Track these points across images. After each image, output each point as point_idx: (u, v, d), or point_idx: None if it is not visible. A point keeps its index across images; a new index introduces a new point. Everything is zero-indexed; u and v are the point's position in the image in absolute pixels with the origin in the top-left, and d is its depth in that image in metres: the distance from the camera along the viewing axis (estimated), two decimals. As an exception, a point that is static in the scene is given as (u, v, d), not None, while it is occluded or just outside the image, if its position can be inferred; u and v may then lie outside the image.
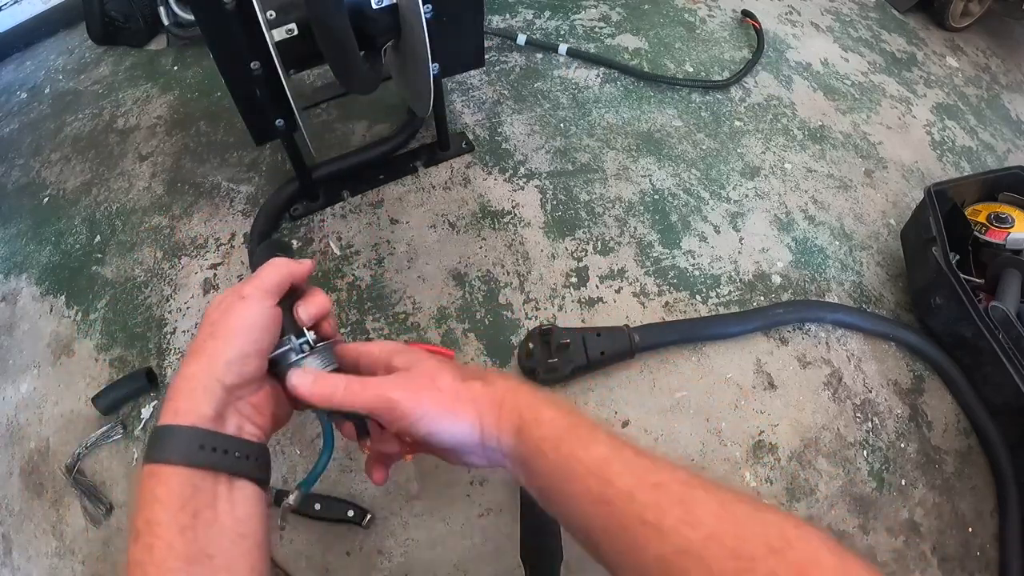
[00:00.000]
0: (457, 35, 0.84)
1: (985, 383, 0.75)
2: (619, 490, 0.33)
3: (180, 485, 0.35)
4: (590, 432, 0.37)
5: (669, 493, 0.32)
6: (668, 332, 0.77)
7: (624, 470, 0.34)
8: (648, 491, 0.33)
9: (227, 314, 0.40)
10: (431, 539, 0.66)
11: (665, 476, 0.34)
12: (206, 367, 0.38)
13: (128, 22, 1.21)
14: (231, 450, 0.37)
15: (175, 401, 0.37)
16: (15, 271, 0.93)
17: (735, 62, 1.15)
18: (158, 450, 0.35)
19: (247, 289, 0.41)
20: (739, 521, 0.30)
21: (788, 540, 0.29)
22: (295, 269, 0.45)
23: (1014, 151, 1.14)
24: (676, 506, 0.32)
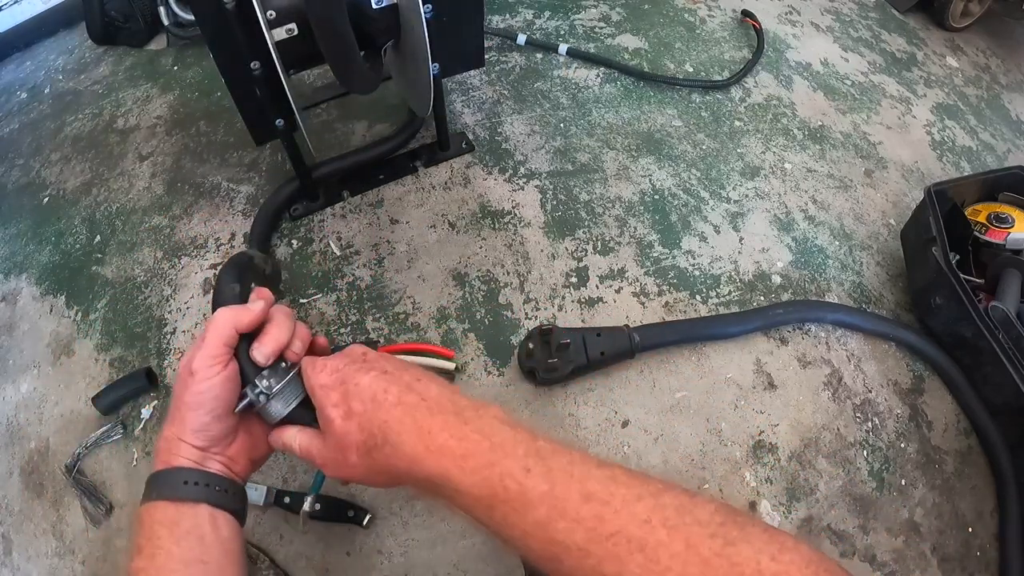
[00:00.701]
0: (457, 35, 0.84)
1: (985, 383, 0.75)
2: (568, 547, 0.31)
3: (175, 513, 0.40)
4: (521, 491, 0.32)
5: (628, 541, 0.30)
6: (668, 332, 0.77)
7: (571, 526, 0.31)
8: (602, 542, 0.30)
9: (184, 389, 0.43)
10: (431, 539, 0.66)
11: (622, 520, 0.30)
12: (179, 431, 0.43)
13: (128, 22, 1.22)
14: (212, 484, 0.42)
15: (161, 455, 0.43)
16: (15, 271, 0.93)
17: (735, 62, 1.15)
18: (153, 492, 0.41)
19: (195, 363, 0.42)
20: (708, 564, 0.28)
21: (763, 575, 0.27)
22: (241, 320, 0.44)
23: (1014, 151, 1.14)
24: (636, 554, 0.29)
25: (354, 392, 0.40)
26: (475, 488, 0.34)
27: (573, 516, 0.31)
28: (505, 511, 0.33)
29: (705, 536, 0.29)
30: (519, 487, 0.33)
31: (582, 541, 0.30)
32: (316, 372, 0.43)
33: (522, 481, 0.33)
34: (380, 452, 0.38)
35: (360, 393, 0.39)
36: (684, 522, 0.30)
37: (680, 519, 0.30)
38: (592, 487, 0.32)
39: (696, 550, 0.29)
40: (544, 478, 0.33)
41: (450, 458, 0.35)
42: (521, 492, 0.32)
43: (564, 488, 0.32)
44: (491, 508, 0.33)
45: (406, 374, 0.41)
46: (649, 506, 0.31)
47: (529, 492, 0.32)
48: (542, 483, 0.32)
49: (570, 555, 0.31)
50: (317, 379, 0.42)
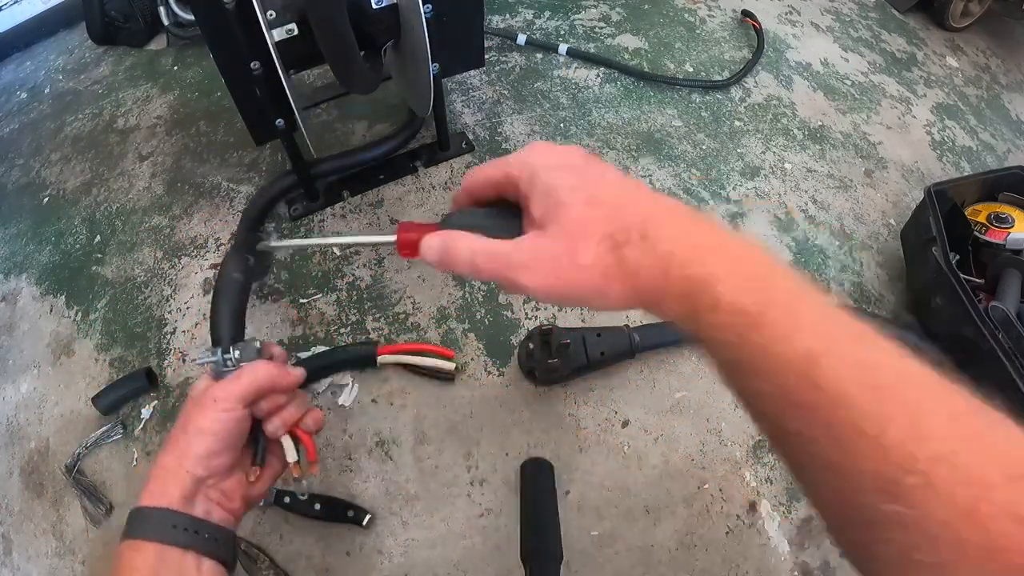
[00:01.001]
0: (457, 35, 0.84)
1: (985, 383, 0.75)
2: (829, 394, 0.26)
3: (155, 558, 0.39)
4: (788, 314, 0.28)
5: (894, 399, 0.26)
6: (668, 332, 0.77)
7: (837, 367, 0.26)
8: (868, 395, 0.25)
9: (198, 411, 0.43)
10: (431, 539, 0.66)
11: (890, 375, 0.26)
12: (177, 458, 0.42)
13: (128, 22, 1.22)
14: (201, 531, 0.41)
15: (151, 485, 0.41)
16: (15, 271, 0.93)
17: (735, 62, 1.15)
18: (136, 528, 0.40)
19: (222, 392, 0.43)
20: (972, 439, 0.25)
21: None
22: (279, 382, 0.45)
23: (1014, 151, 1.14)
24: (901, 416, 0.25)
25: (599, 181, 0.32)
26: (741, 299, 0.28)
27: (843, 355, 0.26)
28: (769, 335, 0.27)
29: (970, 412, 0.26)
30: (788, 309, 0.28)
31: (848, 387, 0.26)
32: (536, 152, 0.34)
33: (793, 304, 0.28)
34: (632, 248, 0.30)
35: (608, 184, 0.32)
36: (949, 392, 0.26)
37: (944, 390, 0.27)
38: (862, 330, 0.28)
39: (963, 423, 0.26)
40: (815, 308, 0.28)
41: (719, 261, 0.29)
42: (790, 315, 0.28)
43: (835, 322, 0.28)
44: (751, 328, 0.28)
45: None
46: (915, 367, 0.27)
47: (799, 317, 0.28)
48: (813, 311, 0.28)
49: (830, 404, 0.26)
50: (540, 158, 0.33)
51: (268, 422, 0.46)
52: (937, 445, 0.24)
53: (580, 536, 0.66)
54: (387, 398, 0.74)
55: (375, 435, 0.72)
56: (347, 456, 0.71)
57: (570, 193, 0.31)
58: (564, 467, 0.69)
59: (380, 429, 0.72)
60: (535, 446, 0.71)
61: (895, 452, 0.25)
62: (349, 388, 0.74)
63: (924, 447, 0.24)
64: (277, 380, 0.45)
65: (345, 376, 0.75)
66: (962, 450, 0.24)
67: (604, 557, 0.65)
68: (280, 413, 0.46)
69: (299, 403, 0.48)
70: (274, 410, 0.46)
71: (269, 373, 0.45)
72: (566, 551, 0.61)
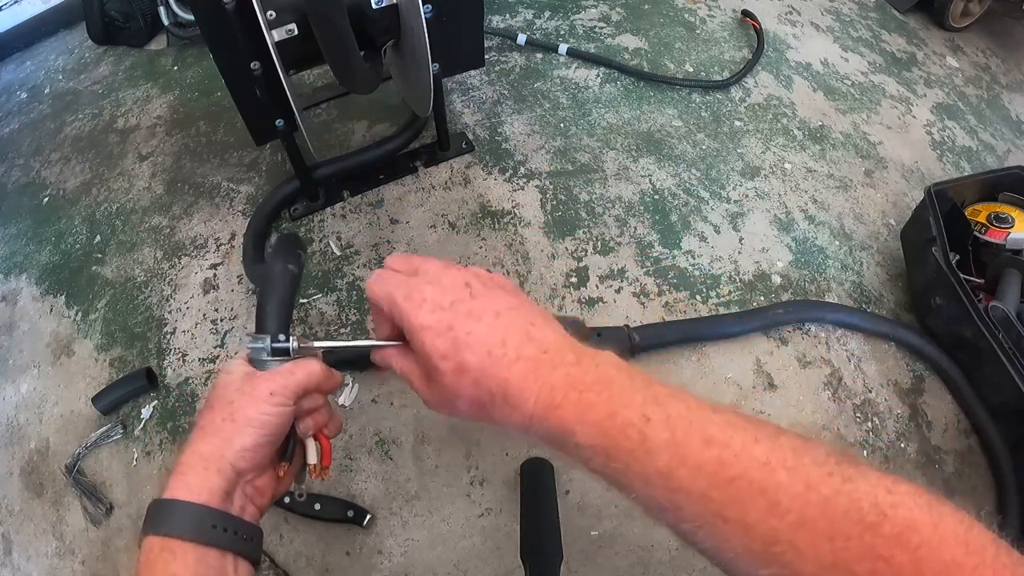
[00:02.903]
0: (457, 35, 0.84)
1: (985, 383, 0.75)
2: (690, 494, 0.30)
3: (196, 563, 0.36)
4: (641, 440, 0.32)
5: (749, 484, 0.29)
6: (668, 332, 0.77)
7: (693, 473, 0.30)
8: (724, 487, 0.30)
9: (250, 402, 0.40)
10: (431, 539, 0.66)
11: (743, 465, 0.30)
12: (220, 448, 0.39)
13: (128, 22, 1.22)
14: (240, 532, 0.39)
15: (187, 476, 0.38)
16: (15, 271, 0.93)
17: (735, 62, 1.15)
18: (171, 524, 0.36)
19: (278, 386, 0.41)
20: (828, 501, 0.28)
21: (882, 511, 0.28)
22: (325, 384, 0.45)
23: (1014, 151, 1.14)
24: (757, 497, 0.29)
25: (466, 342, 0.36)
26: (596, 440, 0.33)
27: (694, 462, 0.30)
28: (627, 460, 0.32)
29: (823, 475, 0.29)
30: (640, 436, 0.32)
31: (704, 487, 0.30)
32: (414, 308, 0.38)
33: (642, 430, 0.32)
34: (497, 410, 0.36)
35: (474, 345, 0.36)
36: (802, 463, 0.30)
37: (798, 460, 0.30)
38: (712, 431, 0.31)
39: (816, 489, 0.29)
40: (664, 426, 0.32)
41: (572, 413, 0.33)
42: (642, 441, 0.32)
43: (684, 433, 0.31)
44: (611, 458, 0.32)
45: (520, 316, 0.37)
46: (767, 448, 0.31)
47: (650, 441, 0.31)
48: (662, 431, 0.32)
49: (692, 501, 0.30)
50: (418, 319, 0.37)
51: (302, 421, 0.45)
52: (795, 516, 0.28)
53: (580, 536, 0.66)
54: (387, 398, 0.74)
55: (375, 435, 0.72)
56: (347, 456, 0.71)
57: (441, 362, 0.36)
58: (564, 467, 0.69)
59: (380, 429, 0.72)
60: (535, 446, 0.71)
61: (758, 529, 0.29)
62: (349, 388, 0.74)
63: (784, 520, 0.28)
64: (325, 381, 0.45)
65: (345, 376, 0.75)
66: (819, 515, 0.28)
67: (604, 557, 0.65)
68: (314, 414, 0.45)
69: (329, 406, 0.47)
70: (312, 410, 0.45)
71: (322, 373, 0.44)
72: (566, 551, 0.61)
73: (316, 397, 0.45)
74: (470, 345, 0.36)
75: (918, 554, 0.27)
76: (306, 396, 0.44)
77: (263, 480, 0.43)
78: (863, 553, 0.27)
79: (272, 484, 0.44)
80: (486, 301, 0.38)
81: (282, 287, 0.48)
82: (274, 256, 0.51)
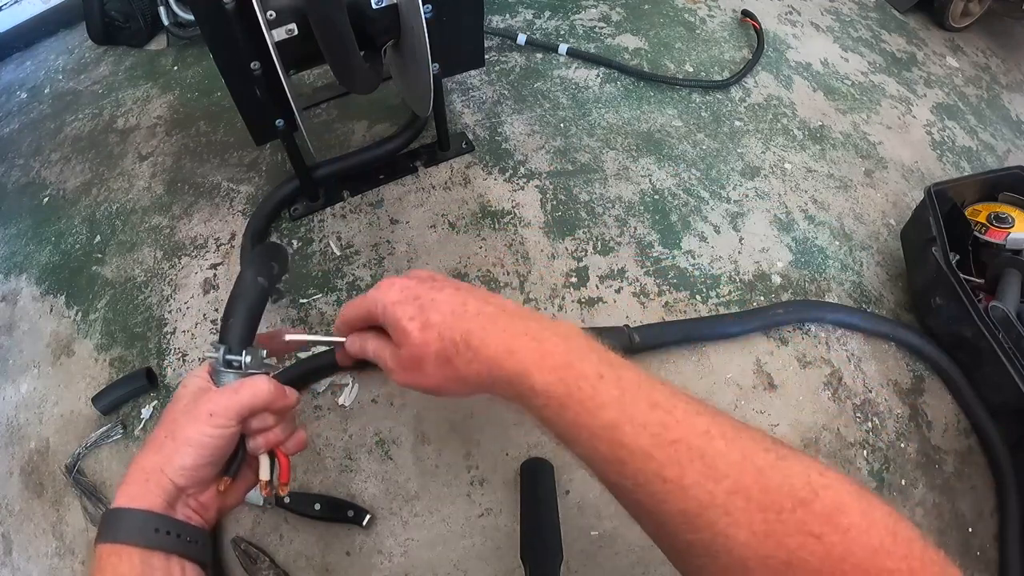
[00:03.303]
0: (457, 35, 0.84)
1: (985, 383, 0.75)
2: (633, 450, 0.32)
3: (140, 564, 0.37)
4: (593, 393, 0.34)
5: (688, 448, 0.31)
6: (668, 332, 0.77)
7: (637, 430, 0.32)
8: (666, 448, 0.31)
9: (190, 422, 0.41)
10: (431, 539, 0.66)
11: (683, 430, 0.32)
12: (161, 464, 0.40)
13: (128, 22, 1.22)
14: (183, 535, 0.40)
15: (130, 487, 0.39)
16: (15, 271, 0.93)
17: (735, 62, 1.15)
18: (116, 531, 0.38)
19: (219, 407, 0.41)
20: (762, 472, 0.30)
21: (814, 489, 0.29)
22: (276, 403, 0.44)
23: (1014, 151, 1.14)
24: (696, 461, 0.31)
25: (431, 306, 0.40)
26: (551, 387, 0.35)
27: (640, 421, 0.32)
28: (577, 411, 0.34)
29: (759, 450, 0.31)
30: (592, 389, 0.34)
31: (647, 445, 0.32)
32: (384, 290, 0.42)
33: (595, 384, 0.34)
34: (460, 358, 0.38)
35: (438, 307, 0.40)
36: (740, 436, 0.32)
37: (736, 433, 0.32)
38: (658, 397, 0.34)
39: (751, 460, 0.30)
40: (615, 384, 0.34)
41: (530, 358, 0.36)
42: (593, 394, 0.34)
43: (633, 395, 0.34)
44: (564, 407, 0.34)
45: (479, 290, 0.42)
46: (708, 420, 0.33)
47: (601, 395, 0.34)
48: (613, 388, 0.34)
49: (634, 458, 0.32)
50: (387, 296, 0.42)
51: (252, 439, 0.44)
52: (731, 483, 0.30)
53: (580, 536, 0.66)
54: (387, 398, 0.74)
55: (375, 435, 0.72)
56: (347, 456, 0.71)
57: (409, 323, 0.40)
58: (564, 467, 0.69)
59: (380, 429, 0.72)
60: (535, 446, 0.71)
61: (694, 491, 0.30)
62: (349, 388, 0.74)
63: (720, 484, 0.30)
64: (274, 401, 0.43)
65: (345, 376, 0.75)
66: (753, 484, 0.29)
67: (604, 557, 0.65)
68: (265, 433, 0.44)
69: (286, 424, 0.46)
70: (262, 429, 0.44)
71: (269, 393, 0.43)
72: (566, 551, 0.61)
73: (266, 417, 0.44)
74: (435, 306, 0.40)
75: (848, 535, 0.28)
76: (254, 415, 0.43)
77: (207, 495, 0.43)
78: (795, 527, 0.28)
79: (215, 500, 0.44)
80: (448, 282, 0.43)
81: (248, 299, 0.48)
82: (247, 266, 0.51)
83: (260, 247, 0.55)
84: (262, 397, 0.43)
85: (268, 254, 0.53)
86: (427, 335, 0.39)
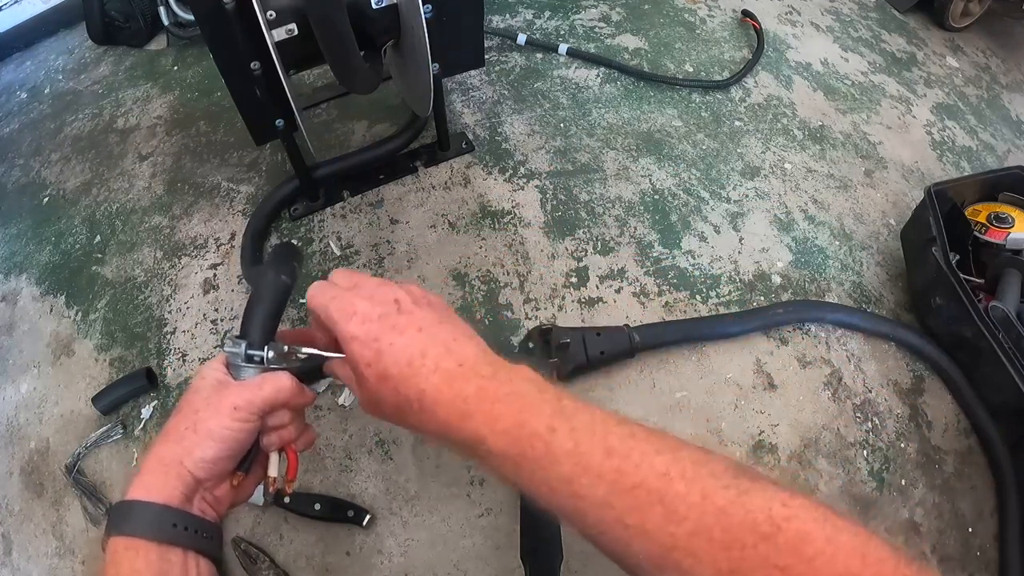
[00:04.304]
0: (457, 35, 0.84)
1: (985, 383, 0.75)
2: (592, 501, 0.32)
3: (158, 560, 0.37)
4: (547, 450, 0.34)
5: (648, 492, 0.31)
6: (668, 332, 0.77)
7: (593, 481, 0.32)
8: (624, 495, 0.32)
9: (213, 415, 0.41)
10: (431, 539, 0.66)
11: (642, 474, 0.32)
12: (180, 455, 0.40)
13: (128, 22, 1.22)
14: (200, 530, 0.40)
15: (147, 477, 0.39)
16: (15, 271, 0.93)
17: (735, 62, 1.15)
18: (133, 524, 0.37)
19: (242, 401, 0.41)
20: (723, 511, 0.30)
21: (776, 523, 0.29)
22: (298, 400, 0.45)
23: (1014, 151, 1.14)
24: (656, 505, 0.31)
25: (388, 352, 0.38)
26: (505, 448, 0.35)
27: (596, 471, 0.32)
28: (532, 468, 0.34)
29: (719, 487, 0.31)
30: (545, 446, 0.34)
31: (604, 494, 0.32)
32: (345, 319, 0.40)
33: (548, 440, 0.34)
34: (415, 415, 0.38)
35: (396, 355, 0.38)
36: (700, 475, 0.32)
37: (696, 472, 0.32)
38: (613, 443, 0.33)
39: (712, 500, 0.30)
40: (568, 436, 0.34)
41: (483, 422, 0.36)
42: (547, 451, 0.34)
43: (587, 445, 0.33)
44: (519, 466, 0.35)
45: (442, 331, 0.40)
46: (667, 460, 0.32)
47: (555, 450, 0.34)
48: (567, 441, 0.34)
49: (593, 508, 0.32)
50: (347, 328, 0.40)
51: (266, 435, 0.44)
52: (692, 524, 0.30)
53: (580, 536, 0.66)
54: (387, 398, 0.74)
55: (375, 435, 0.72)
56: (347, 456, 0.71)
57: (366, 369, 0.39)
58: (564, 467, 0.69)
59: (380, 429, 0.72)
60: (535, 446, 0.71)
61: (657, 535, 0.30)
62: (349, 388, 0.74)
63: (681, 527, 0.30)
64: (295, 398, 0.44)
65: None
66: (715, 524, 0.30)
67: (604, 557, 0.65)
68: (280, 430, 0.45)
69: (299, 423, 0.47)
70: (278, 426, 0.45)
71: (291, 389, 0.43)
72: (566, 551, 0.61)
73: (283, 414, 0.45)
74: (393, 355, 0.38)
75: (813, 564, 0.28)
76: (273, 412, 0.44)
77: (222, 489, 0.43)
78: (759, 562, 0.28)
79: (230, 494, 0.44)
80: (412, 317, 0.40)
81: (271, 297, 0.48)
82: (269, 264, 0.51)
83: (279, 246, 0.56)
84: (284, 393, 0.43)
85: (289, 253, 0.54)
86: (383, 387, 0.39)
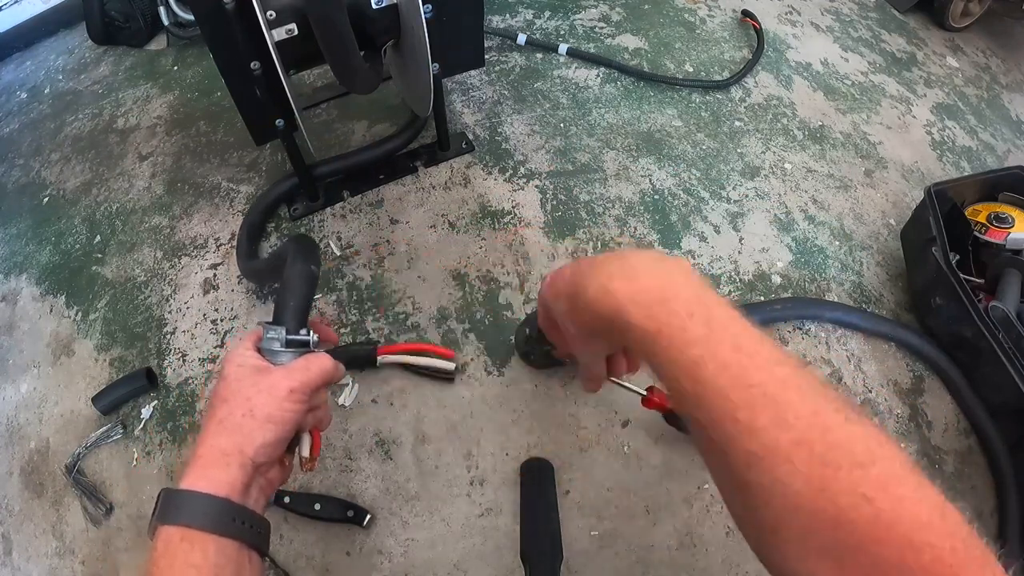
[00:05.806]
0: (457, 35, 0.84)
1: (985, 383, 0.75)
2: (712, 388, 0.33)
3: (216, 554, 0.37)
4: (681, 331, 0.36)
5: (763, 394, 0.32)
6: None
7: (718, 370, 0.34)
8: (742, 390, 0.33)
9: (270, 399, 0.41)
10: (431, 539, 0.66)
11: (762, 375, 0.33)
12: (241, 444, 0.40)
13: (128, 22, 1.22)
14: (255, 525, 0.40)
15: (208, 470, 0.39)
16: (15, 271, 0.93)
17: (735, 62, 1.15)
18: (192, 515, 0.37)
19: (296, 383, 0.42)
20: (828, 430, 0.31)
21: (873, 456, 0.30)
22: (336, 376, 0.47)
23: (1014, 151, 1.14)
24: (769, 407, 0.32)
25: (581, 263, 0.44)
26: (644, 321, 0.37)
27: (722, 361, 0.34)
28: (666, 346, 0.36)
29: (830, 409, 0.32)
30: (681, 327, 0.36)
31: (725, 385, 0.33)
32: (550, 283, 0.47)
33: (684, 322, 0.36)
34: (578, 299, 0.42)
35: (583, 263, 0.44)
36: (815, 393, 0.33)
37: (812, 389, 0.33)
38: (743, 341, 0.35)
39: (820, 417, 0.31)
40: (704, 323, 0.36)
41: (625, 295, 0.39)
42: (682, 331, 0.36)
43: (719, 335, 0.35)
44: (655, 342, 0.36)
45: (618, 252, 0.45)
46: (788, 372, 0.34)
47: (689, 332, 0.35)
48: (701, 327, 0.36)
49: (710, 396, 0.33)
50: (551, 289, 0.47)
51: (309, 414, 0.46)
52: (797, 434, 0.31)
53: (580, 536, 0.66)
54: (387, 398, 0.74)
55: (375, 435, 0.72)
56: (347, 456, 0.71)
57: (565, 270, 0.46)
58: (564, 467, 0.69)
59: (380, 429, 0.72)
60: (535, 446, 0.71)
61: (762, 435, 0.31)
62: (349, 388, 0.74)
63: (787, 434, 0.31)
64: (336, 375, 0.46)
65: (345, 376, 0.75)
66: (818, 440, 0.30)
67: (604, 557, 0.65)
68: (316, 410, 0.47)
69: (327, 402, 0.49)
70: (317, 406, 0.47)
71: (334, 369, 0.46)
72: (566, 551, 0.61)
73: (322, 392, 0.47)
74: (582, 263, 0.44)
75: (900, 504, 0.28)
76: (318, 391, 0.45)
77: (274, 472, 0.44)
78: (849, 486, 0.29)
79: (280, 475, 0.45)
80: None
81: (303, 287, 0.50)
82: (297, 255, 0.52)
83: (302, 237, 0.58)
84: (329, 373, 0.45)
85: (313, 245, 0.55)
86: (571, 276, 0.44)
